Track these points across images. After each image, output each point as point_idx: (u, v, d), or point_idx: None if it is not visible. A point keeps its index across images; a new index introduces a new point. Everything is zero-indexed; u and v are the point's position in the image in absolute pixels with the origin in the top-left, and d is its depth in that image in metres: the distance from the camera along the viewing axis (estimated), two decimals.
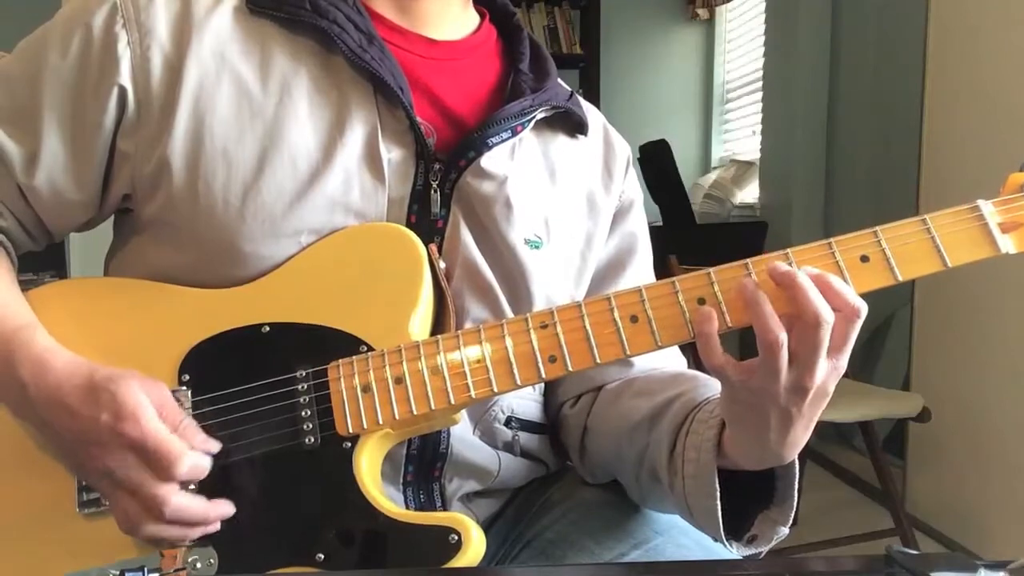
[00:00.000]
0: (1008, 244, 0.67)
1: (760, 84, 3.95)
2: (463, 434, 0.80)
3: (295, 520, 0.69)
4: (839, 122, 3.48)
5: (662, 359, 0.87)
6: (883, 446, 2.30)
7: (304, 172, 0.74)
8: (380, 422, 0.69)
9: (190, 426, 0.68)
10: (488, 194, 0.79)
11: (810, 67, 3.49)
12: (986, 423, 2.25)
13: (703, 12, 4.62)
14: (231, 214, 0.73)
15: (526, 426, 0.87)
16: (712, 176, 4.45)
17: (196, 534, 0.67)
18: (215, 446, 0.69)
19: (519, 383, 0.69)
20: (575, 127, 0.88)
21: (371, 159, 0.76)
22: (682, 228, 3.76)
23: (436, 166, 0.78)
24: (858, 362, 3.03)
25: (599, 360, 0.67)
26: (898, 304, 2.79)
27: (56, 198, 0.77)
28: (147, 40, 0.75)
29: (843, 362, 0.63)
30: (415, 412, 0.69)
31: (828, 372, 0.63)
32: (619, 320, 0.67)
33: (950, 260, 0.66)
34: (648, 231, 0.94)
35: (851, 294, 0.62)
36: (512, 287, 0.80)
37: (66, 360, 0.69)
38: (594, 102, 0.93)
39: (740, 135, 4.51)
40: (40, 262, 0.94)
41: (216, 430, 0.70)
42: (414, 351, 0.70)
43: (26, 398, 0.69)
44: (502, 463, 0.84)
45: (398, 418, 0.69)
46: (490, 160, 0.79)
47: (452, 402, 0.69)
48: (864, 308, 0.62)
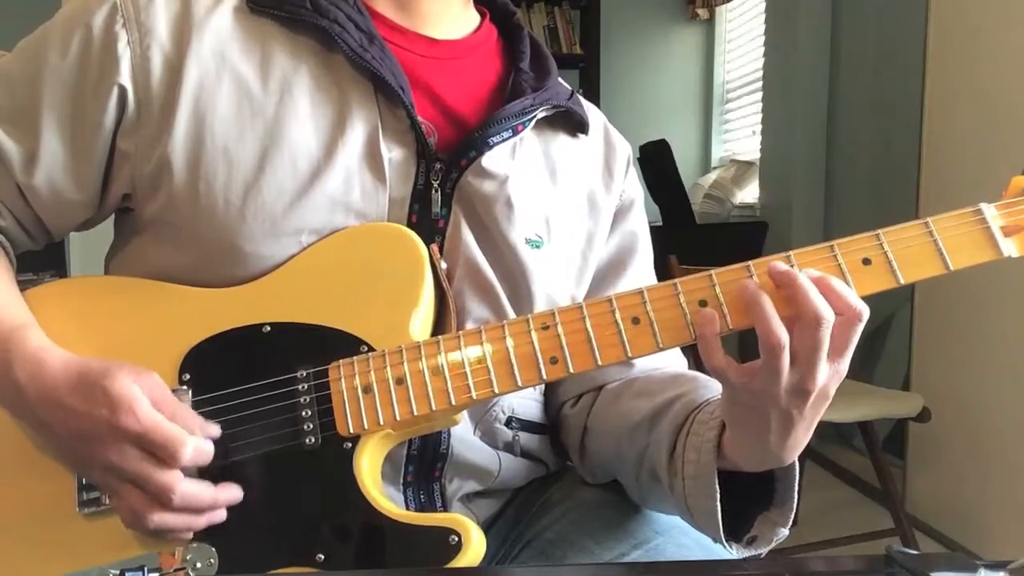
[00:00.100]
0: (1011, 248, 0.66)
1: (760, 84, 3.95)
2: (463, 434, 0.80)
3: (295, 520, 0.69)
4: (839, 122, 3.47)
5: (663, 359, 0.87)
6: (883, 446, 2.30)
7: (305, 171, 0.74)
8: (381, 422, 0.69)
9: (187, 413, 0.68)
10: (489, 193, 0.79)
11: (810, 67, 3.49)
12: (986, 423, 2.25)
13: (703, 12, 4.62)
14: (232, 213, 0.73)
15: (526, 426, 0.87)
16: (712, 176, 4.45)
17: (203, 523, 0.67)
18: (215, 429, 0.69)
19: (520, 384, 0.68)
20: (576, 126, 0.88)
21: (372, 158, 0.76)
22: (682, 228, 3.76)
23: (437, 165, 0.78)
24: (858, 362, 3.01)
25: (600, 362, 0.67)
26: (898, 304, 2.79)
27: (55, 198, 0.77)
28: (147, 40, 0.75)
29: (844, 366, 0.63)
30: (416, 413, 0.69)
31: (829, 375, 0.62)
32: (620, 322, 0.67)
33: (952, 263, 0.65)
34: (649, 230, 0.94)
35: (853, 297, 0.62)
36: (513, 287, 0.80)
37: (60, 359, 0.69)
38: (594, 102, 0.93)
39: (740, 135, 4.51)
40: (40, 262, 0.94)
41: None
42: (415, 351, 0.70)
43: (23, 399, 0.69)
44: (502, 463, 0.84)
45: (399, 419, 0.69)
46: (491, 159, 0.79)
47: (453, 403, 0.69)
48: (866, 311, 0.62)
